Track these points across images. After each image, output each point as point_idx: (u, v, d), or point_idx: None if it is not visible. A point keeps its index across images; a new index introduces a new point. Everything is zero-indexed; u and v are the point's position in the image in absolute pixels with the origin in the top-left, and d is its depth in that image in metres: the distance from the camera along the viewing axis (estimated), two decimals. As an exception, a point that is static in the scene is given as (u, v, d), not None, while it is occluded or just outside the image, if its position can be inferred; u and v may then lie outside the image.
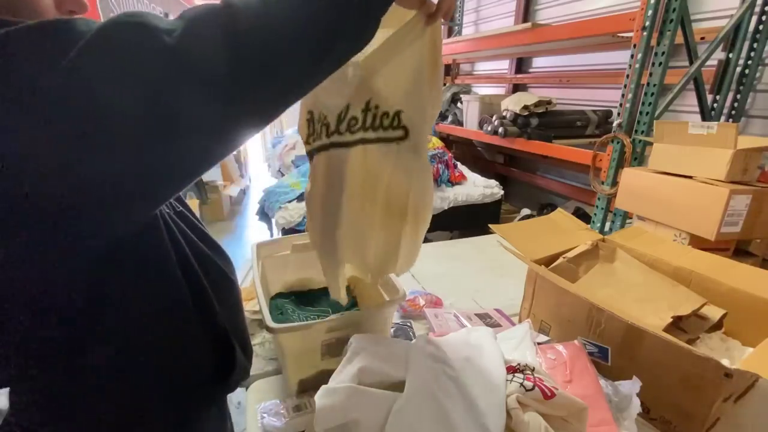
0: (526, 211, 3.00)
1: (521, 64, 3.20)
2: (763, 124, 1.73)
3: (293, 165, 3.53)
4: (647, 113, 1.53)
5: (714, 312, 0.81)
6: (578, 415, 0.58)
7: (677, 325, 0.80)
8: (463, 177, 2.84)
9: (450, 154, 2.89)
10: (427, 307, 1.08)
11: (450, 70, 4.07)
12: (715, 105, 1.73)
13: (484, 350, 0.69)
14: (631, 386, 0.66)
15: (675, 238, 1.20)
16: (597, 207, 1.80)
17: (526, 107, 2.23)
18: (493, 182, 2.83)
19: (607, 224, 1.78)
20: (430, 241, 1.63)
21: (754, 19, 1.60)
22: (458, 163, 2.94)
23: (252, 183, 5.91)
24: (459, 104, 3.18)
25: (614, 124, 1.66)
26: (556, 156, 2.11)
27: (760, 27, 1.59)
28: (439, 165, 2.73)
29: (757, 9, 1.58)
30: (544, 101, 2.25)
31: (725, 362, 0.59)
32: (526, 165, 3.25)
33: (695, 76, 1.58)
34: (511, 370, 0.64)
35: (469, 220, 2.65)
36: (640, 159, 1.62)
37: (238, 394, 0.77)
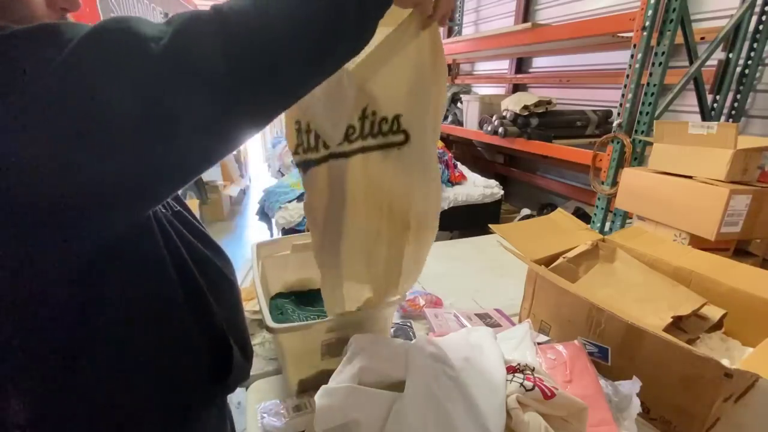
0: (526, 211, 3.00)
1: (521, 64, 3.20)
2: (763, 124, 1.73)
3: (293, 165, 3.52)
4: (647, 113, 1.53)
5: (714, 312, 0.81)
6: (578, 415, 0.58)
7: (677, 325, 0.80)
8: (463, 177, 2.84)
9: (450, 154, 2.90)
10: (427, 307, 1.08)
11: (450, 70, 4.07)
12: (715, 105, 1.73)
13: (484, 350, 0.69)
14: (631, 386, 0.66)
15: (675, 238, 1.20)
16: (597, 207, 1.80)
17: (526, 107, 2.23)
18: (493, 182, 2.83)
19: (607, 224, 1.78)
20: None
21: (754, 19, 1.60)
22: (458, 163, 2.94)
23: (252, 183, 5.91)
24: (459, 104, 3.18)
25: (614, 124, 1.66)
26: (556, 156, 2.11)
27: (760, 27, 1.59)
28: (439, 165, 2.73)
29: (757, 9, 1.58)
30: (544, 101, 2.25)
31: (725, 362, 0.59)
32: (526, 165, 3.25)
33: (695, 76, 1.58)
34: (511, 370, 0.64)
35: (469, 220, 2.65)
36: (640, 159, 1.62)
37: (238, 394, 0.77)
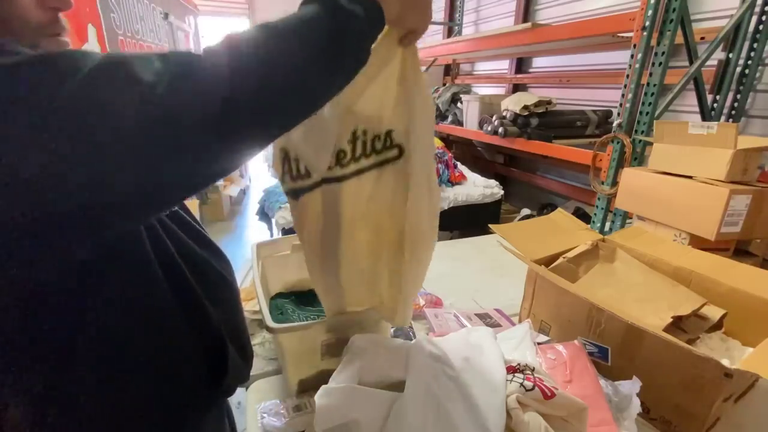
0: (526, 211, 3.00)
1: (521, 64, 3.21)
2: (763, 124, 1.73)
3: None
4: (647, 113, 1.53)
5: (714, 312, 0.81)
6: (578, 415, 0.58)
7: (677, 325, 0.80)
8: (463, 177, 2.84)
9: (450, 154, 2.90)
10: (427, 307, 1.08)
11: (450, 70, 4.08)
12: (715, 105, 1.73)
13: (484, 350, 0.69)
14: (631, 386, 0.66)
15: (675, 238, 1.20)
16: (597, 207, 1.80)
17: (526, 107, 2.23)
18: (493, 182, 2.83)
19: (607, 224, 1.78)
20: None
21: (754, 19, 1.60)
22: (458, 163, 2.94)
23: (252, 183, 5.91)
24: (459, 104, 3.18)
25: (614, 124, 1.66)
26: (556, 156, 2.11)
27: (760, 27, 1.59)
28: (439, 165, 2.73)
29: (757, 9, 1.58)
30: (544, 101, 2.25)
31: (725, 362, 0.59)
32: (526, 165, 3.25)
33: (695, 76, 1.58)
34: (511, 370, 0.64)
35: (469, 220, 2.65)
36: (640, 159, 1.62)
37: (238, 394, 0.76)
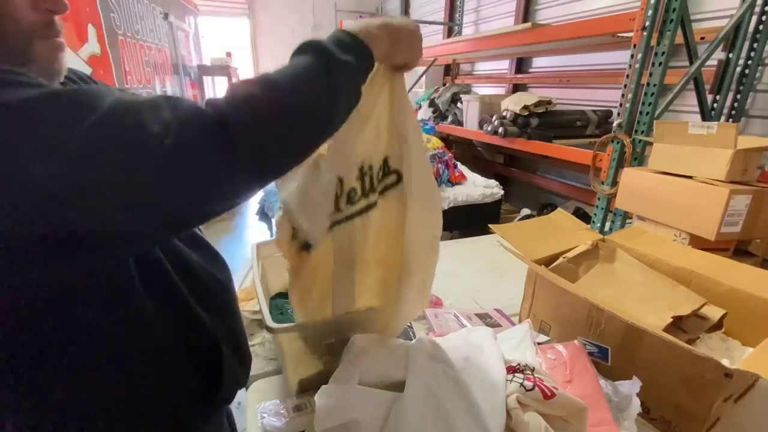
0: (526, 211, 3.00)
1: (521, 64, 3.21)
2: (763, 124, 1.73)
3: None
4: (647, 113, 1.53)
5: (714, 312, 0.81)
6: (578, 415, 0.58)
7: (677, 325, 0.80)
8: (463, 177, 2.84)
9: (450, 154, 2.89)
10: (427, 307, 1.08)
11: (450, 70, 4.08)
12: (715, 105, 1.73)
13: (484, 350, 0.69)
14: (631, 386, 0.66)
15: (675, 238, 1.20)
16: (597, 207, 1.80)
17: (526, 107, 2.23)
18: (493, 182, 2.83)
19: (607, 224, 1.78)
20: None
21: (754, 19, 1.60)
22: (458, 163, 2.94)
23: (252, 183, 5.90)
24: (459, 104, 3.18)
25: (614, 124, 1.66)
26: (556, 156, 2.11)
27: (760, 27, 1.59)
28: (439, 165, 2.72)
29: (757, 9, 1.58)
30: (544, 101, 2.26)
31: (725, 362, 0.59)
32: (526, 165, 3.25)
33: (695, 76, 1.58)
34: (511, 370, 0.64)
35: (469, 220, 2.65)
36: (640, 159, 1.62)
37: (238, 394, 0.76)
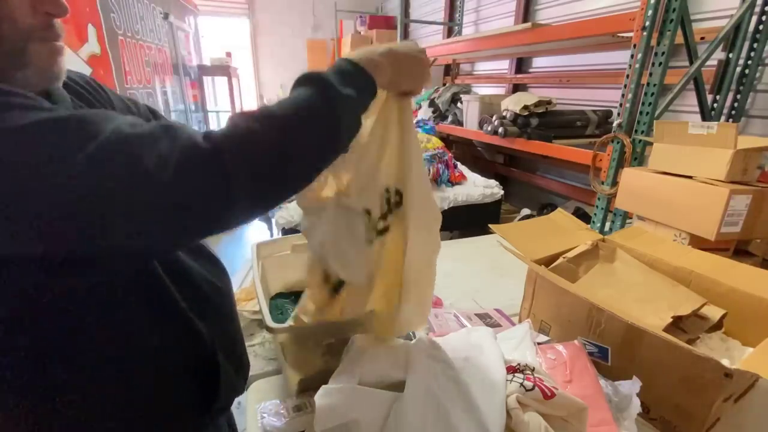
0: (526, 211, 3.00)
1: (521, 64, 3.20)
2: (763, 124, 1.73)
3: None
4: (647, 113, 1.53)
5: (714, 312, 0.81)
6: (578, 415, 0.58)
7: (677, 325, 0.80)
8: (463, 177, 2.84)
9: (450, 154, 2.89)
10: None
11: (450, 70, 4.07)
12: (715, 105, 1.73)
13: (484, 350, 0.69)
14: (631, 386, 0.66)
15: (675, 238, 1.20)
16: (597, 207, 1.80)
17: (526, 107, 2.23)
18: (493, 182, 2.83)
19: (607, 224, 1.78)
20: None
21: (754, 19, 1.60)
22: (458, 163, 2.94)
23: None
24: (459, 104, 3.18)
25: (614, 124, 1.66)
26: (556, 156, 2.10)
27: (760, 27, 1.59)
28: (439, 165, 2.72)
29: (757, 9, 1.58)
30: (544, 101, 2.25)
31: (725, 362, 0.59)
32: (526, 165, 3.25)
33: (695, 76, 1.58)
34: (511, 370, 0.64)
35: (469, 220, 2.65)
36: (640, 159, 1.62)
37: (239, 394, 0.77)
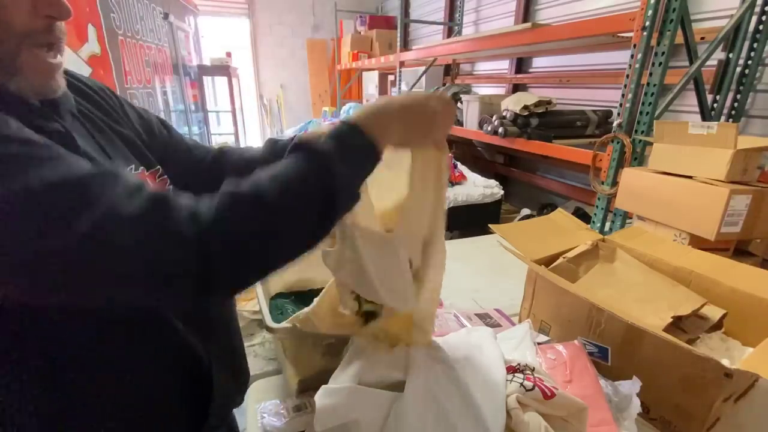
0: (526, 211, 3.00)
1: (521, 64, 3.20)
2: (763, 124, 1.73)
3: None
4: (647, 113, 1.52)
5: (714, 312, 0.81)
6: (578, 415, 0.58)
7: (677, 325, 0.80)
8: (463, 177, 2.84)
9: (450, 154, 2.89)
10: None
11: (450, 70, 4.07)
12: (715, 105, 1.73)
13: (484, 350, 0.69)
14: (631, 386, 0.66)
15: (675, 238, 1.20)
16: (597, 207, 1.80)
17: (526, 107, 2.23)
18: (493, 182, 2.83)
19: (607, 224, 1.78)
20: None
21: (754, 19, 1.60)
22: (458, 163, 2.94)
23: (252, 183, 5.89)
24: (459, 104, 3.17)
25: (614, 124, 1.66)
26: (556, 156, 2.10)
27: (760, 27, 1.59)
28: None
29: (757, 9, 1.58)
30: (544, 101, 2.25)
31: (725, 362, 0.59)
32: (526, 165, 3.25)
33: (695, 76, 1.58)
34: (511, 370, 0.64)
35: (469, 220, 2.65)
36: (640, 159, 1.62)
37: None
